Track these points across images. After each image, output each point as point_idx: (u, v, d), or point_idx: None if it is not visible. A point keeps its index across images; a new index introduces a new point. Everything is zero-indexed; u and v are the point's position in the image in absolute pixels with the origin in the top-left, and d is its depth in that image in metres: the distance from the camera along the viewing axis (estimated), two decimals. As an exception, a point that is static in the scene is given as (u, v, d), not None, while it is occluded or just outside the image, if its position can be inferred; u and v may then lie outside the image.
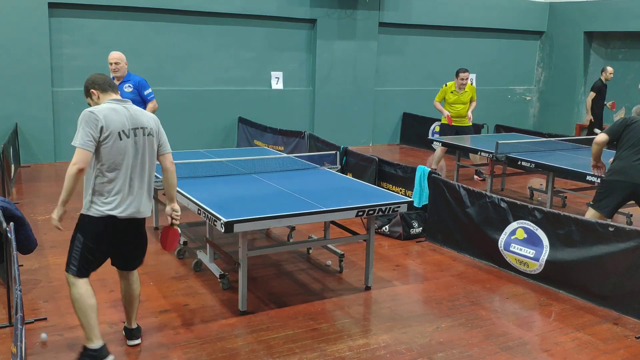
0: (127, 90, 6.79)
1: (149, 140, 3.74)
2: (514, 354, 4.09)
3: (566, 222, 5.07)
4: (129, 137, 3.61)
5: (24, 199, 7.58)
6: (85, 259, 3.66)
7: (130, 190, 3.66)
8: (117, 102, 3.69)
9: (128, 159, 3.62)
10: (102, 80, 3.74)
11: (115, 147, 3.55)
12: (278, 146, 9.78)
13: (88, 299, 3.65)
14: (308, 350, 4.06)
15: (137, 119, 3.69)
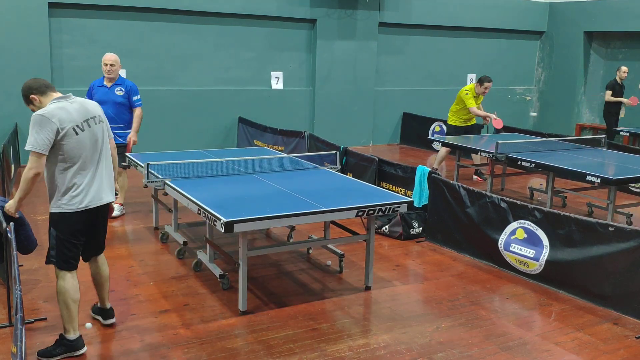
0: (118, 93, 6.80)
1: (100, 127, 3.86)
2: (514, 354, 4.09)
3: (566, 222, 5.07)
4: (84, 129, 3.71)
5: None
6: (63, 253, 3.83)
7: (93, 180, 3.81)
8: (61, 99, 3.74)
9: (87, 151, 3.74)
10: (37, 84, 3.77)
11: (73, 143, 3.66)
12: (278, 146, 9.77)
13: (73, 293, 3.82)
14: (308, 350, 4.06)
15: (85, 111, 3.78)
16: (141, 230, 6.55)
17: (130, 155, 6.42)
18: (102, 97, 6.72)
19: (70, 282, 3.83)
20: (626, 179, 6.49)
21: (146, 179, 5.40)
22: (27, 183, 3.69)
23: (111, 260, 5.58)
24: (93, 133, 3.79)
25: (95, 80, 6.97)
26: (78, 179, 3.75)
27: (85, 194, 3.78)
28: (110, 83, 6.79)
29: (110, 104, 6.71)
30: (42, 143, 3.56)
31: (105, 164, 3.93)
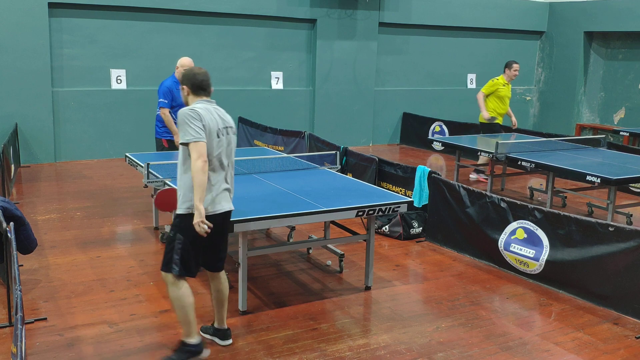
0: None
1: (233, 139, 3.85)
2: (514, 354, 4.09)
3: (566, 222, 5.07)
4: (222, 135, 3.72)
5: (24, 199, 7.58)
6: (185, 259, 3.67)
7: (223, 186, 3.76)
8: (206, 102, 3.77)
9: (222, 156, 3.71)
10: (198, 82, 3.78)
11: (214, 144, 3.64)
12: (278, 146, 9.77)
13: (187, 298, 3.71)
14: (308, 350, 4.06)
15: (225, 119, 3.79)
16: (141, 230, 6.56)
17: (131, 155, 6.43)
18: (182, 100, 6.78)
19: (184, 289, 3.70)
20: (626, 179, 6.49)
21: (146, 179, 5.40)
22: (200, 174, 3.49)
23: (111, 261, 5.60)
24: (228, 142, 3.78)
25: (168, 82, 6.85)
26: (213, 180, 3.68)
27: (216, 197, 3.70)
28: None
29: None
30: (197, 131, 3.54)
31: (231, 174, 3.87)
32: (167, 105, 6.68)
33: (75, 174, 9.11)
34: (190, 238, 3.64)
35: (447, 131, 11.77)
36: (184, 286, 3.70)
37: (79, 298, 4.76)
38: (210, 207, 3.67)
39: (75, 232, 6.40)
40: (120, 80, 10.32)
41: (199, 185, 3.49)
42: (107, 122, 10.22)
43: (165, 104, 6.67)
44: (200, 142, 3.52)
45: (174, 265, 3.66)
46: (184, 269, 3.68)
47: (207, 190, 3.63)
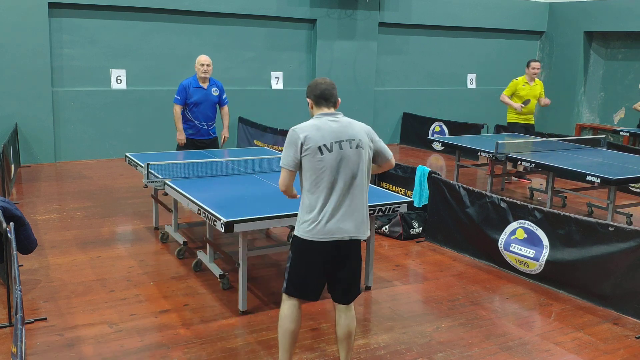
0: (214, 93, 7.11)
1: (358, 152, 3.38)
2: (514, 354, 4.09)
3: (566, 222, 5.07)
4: (331, 150, 3.31)
5: (24, 199, 7.58)
6: (292, 278, 3.46)
7: (334, 209, 3.34)
8: (324, 116, 3.43)
9: (331, 175, 3.32)
10: (319, 92, 3.44)
11: (314, 162, 3.30)
12: (278, 146, 9.76)
13: (287, 323, 3.47)
14: (308, 350, 4.05)
15: (343, 132, 3.38)
16: (141, 230, 6.56)
17: (131, 155, 6.43)
18: (201, 98, 6.98)
19: (288, 310, 3.45)
20: (626, 179, 6.49)
21: (146, 179, 5.40)
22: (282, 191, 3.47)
23: (111, 261, 5.60)
24: (344, 156, 3.33)
25: (186, 81, 7.01)
26: (320, 204, 3.33)
27: (324, 222, 3.32)
28: (205, 84, 7.01)
29: (208, 104, 7.06)
30: (287, 159, 3.33)
31: (358, 193, 3.40)
32: (178, 102, 6.97)
33: (75, 174, 9.10)
34: (296, 258, 3.43)
35: (447, 131, 11.77)
36: (288, 309, 3.47)
37: (79, 298, 4.76)
38: (314, 233, 3.33)
39: (75, 232, 6.40)
40: (120, 80, 10.32)
41: None
42: (107, 122, 10.22)
43: (178, 100, 6.98)
44: (285, 170, 3.37)
45: (285, 281, 3.50)
46: (291, 287, 3.46)
47: (309, 213, 3.35)
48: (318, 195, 3.33)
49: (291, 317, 3.47)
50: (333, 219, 3.34)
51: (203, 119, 7.03)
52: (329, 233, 3.34)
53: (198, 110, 6.99)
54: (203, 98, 6.98)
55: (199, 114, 7.00)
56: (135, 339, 4.14)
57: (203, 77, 6.94)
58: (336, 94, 3.50)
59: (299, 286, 3.46)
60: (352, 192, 3.38)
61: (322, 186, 3.33)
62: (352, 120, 3.51)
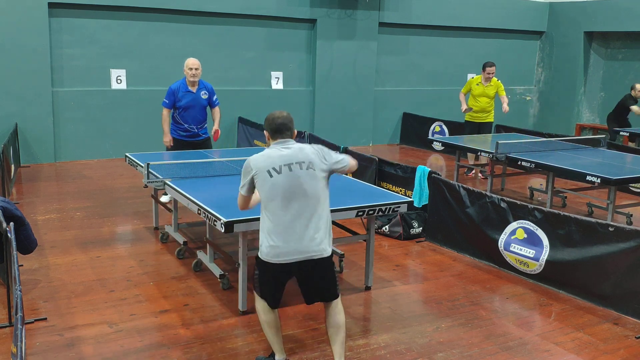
0: (204, 97, 7.06)
1: (309, 173, 3.49)
2: (514, 354, 4.09)
3: (566, 222, 5.07)
4: (280, 172, 3.45)
5: (24, 199, 7.58)
6: (262, 288, 3.68)
7: (289, 232, 3.45)
8: (278, 144, 3.59)
9: (281, 197, 3.44)
10: (275, 126, 3.59)
11: (266, 184, 3.47)
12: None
13: (262, 315, 3.69)
14: (308, 350, 4.06)
15: (293, 156, 3.51)
16: (141, 230, 6.56)
17: (131, 155, 6.43)
18: (190, 102, 6.97)
19: (259, 304, 3.69)
20: (626, 179, 6.49)
21: (146, 179, 5.40)
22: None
23: (111, 261, 5.60)
24: (295, 177, 3.45)
25: (175, 84, 6.99)
26: (277, 226, 3.46)
27: (277, 246, 3.46)
28: (194, 87, 6.98)
29: (198, 108, 7.02)
30: (242, 184, 3.63)
31: (315, 213, 3.48)
32: (166, 105, 6.98)
33: (75, 174, 9.11)
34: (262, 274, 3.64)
35: (447, 131, 11.77)
36: (258, 302, 3.71)
37: (79, 298, 4.76)
38: (272, 256, 3.48)
39: (75, 232, 6.40)
40: (120, 80, 10.32)
41: None
42: (107, 122, 10.22)
43: (166, 103, 6.98)
44: (240, 194, 3.70)
45: (254, 284, 3.73)
46: (260, 292, 3.69)
47: (268, 237, 3.51)
48: (274, 217, 3.48)
49: (263, 309, 3.68)
50: (291, 241, 3.46)
51: (193, 122, 7.01)
52: (287, 255, 3.48)
53: (187, 114, 6.97)
54: (192, 102, 6.95)
55: (188, 117, 6.98)
56: (135, 339, 4.14)
57: (192, 80, 6.91)
58: (292, 127, 3.65)
59: (265, 294, 3.68)
60: (309, 211, 3.49)
61: (277, 206, 3.46)
62: (303, 145, 3.64)
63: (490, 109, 9.39)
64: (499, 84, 9.33)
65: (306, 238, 3.47)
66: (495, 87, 9.28)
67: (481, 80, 9.29)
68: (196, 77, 6.92)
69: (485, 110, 9.34)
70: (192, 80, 6.92)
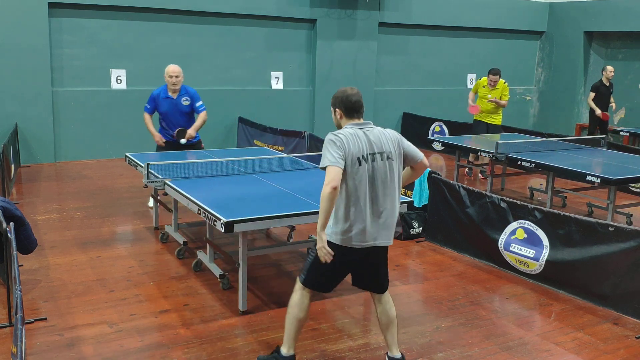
0: (185, 103, 6.98)
1: (389, 164, 3.47)
2: (514, 354, 4.09)
3: (566, 222, 5.07)
4: (367, 162, 3.42)
5: (24, 199, 7.58)
6: (313, 274, 3.60)
7: (367, 219, 3.45)
8: (356, 126, 3.51)
9: (365, 186, 3.42)
10: (351, 104, 3.51)
11: (354, 173, 3.39)
12: (278, 146, 9.77)
13: (296, 310, 3.63)
14: (308, 350, 4.05)
15: (377, 144, 3.46)
16: (141, 230, 6.56)
17: (131, 155, 6.43)
18: (169, 109, 6.91)
19: (300, 299, 3.62)
20: (626, 179, 6.49)
21: (146, 179, 5.40)
22: (324, 201, 3.28)
23: (111, 261, 5.60)
24: (377, 169, 3.43)
25: (157, 90, 6.95)
26: (351, 213, 3.42)
27: (354, 231, 3.44)
28: (175, 94, 6.92)
29: (177, 114, 6.95)
30: (335, 156, 3.33)
31: (390, 205, 3.50)
32: (147, 110, 7.00)
33: (75, 174, 9.11)
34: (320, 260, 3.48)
35: (447, 131, 11.78)
36: (301, 298, 3.63)
37: (79, 298, 4.76)
38: (346, 240, 3.46)
39: (75, 232, 6.40)
40: (120, 80, 10.32)
41: (322, 211, 3.31)
42: (107, 122, 10.22)
43: (147, 108, 7.01)
44: (334, 167, 3.31)
45: (303, 273, 3.64)
46: (309, 281, 3.61)
47: (343, 221, 3.43)
48: (352, 205, 3.42)
49: (301, 305, 3.62)
50: (366, 229, 3.46)
51: (174, 129, 6.95)
52: (361, 241, 3.48)
53: (168, 120, 6.94)
54: (171, 108, 6.89)
55: (169, 122, 6.94)
56: (135, 339, 4.14)
57: (172, 88, 6.86)
58: (363, 104, 3.59)
59: (317, 282, 3.63)
60: (383, 202, 3.49)
61: (357, 196, 3.42)
62: (383, 131, 3.56)
63: (497, 111, 9.44)
64: (505, 87, 9.43)
65: (381, 227, 3.50)
66: (501, 91, 9.36)
67: (487, 83, 9.42)
68: (177, 85, 6.84)
69: (490, 111, 9.41)
70: (173, 88, 6.86)
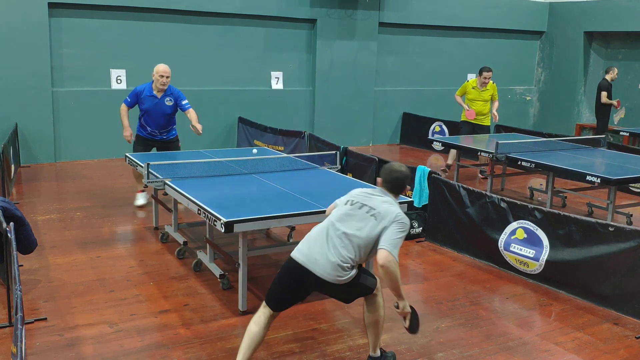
0: (168, 103, 6.98)
1: (368, 218, 3.54)
2: (514, 354, 4.09)
3: (566, 222, 5.07)
4: (352, 205, 3.63)
5: (24, 199, 7.58)
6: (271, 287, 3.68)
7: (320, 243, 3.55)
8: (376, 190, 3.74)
9: (336, 215, 3.62)
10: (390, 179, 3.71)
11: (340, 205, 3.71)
12: (278, 146, 9.77)
13: (248, 331, 3.58)
14: (308, 350, 4.05)
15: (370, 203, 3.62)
16: (141, 230, 6.56)
17: (131, 155, 6.43)
18: (151, 107, 6.89)
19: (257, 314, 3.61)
20: (626, 179, 6.49)
21: (146, 179, 5.40)
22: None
23: (111, 261, 5.60)
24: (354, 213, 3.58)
25: (141, 87, 6.93)
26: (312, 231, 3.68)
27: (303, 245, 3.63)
28: (160, 93, 6.91)
29: (159, 114, 6.94)
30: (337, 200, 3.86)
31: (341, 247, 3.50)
32: (126, 103, 6.96)
33: (75, 174, 9.11)
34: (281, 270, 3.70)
35: (447, 131, 11.77)
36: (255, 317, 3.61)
37: (79, 298, 4.76)
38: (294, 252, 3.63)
39: (75, 232, 6.40)
40: (120, 80, 10.32)
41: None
42: (107, 122, 10.21)
43: (127, 101, 6.97)
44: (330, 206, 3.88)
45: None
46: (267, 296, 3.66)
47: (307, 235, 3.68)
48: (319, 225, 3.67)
49: (256, 319, 3.60)
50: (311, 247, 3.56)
51: (155, 128, 6.96)
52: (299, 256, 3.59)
53: (149, 118, 6.93)
54: (153, 107, 6.88)
55: (149, 120, 6.94)
56: (135, 339, 4.14)
57: (160, 88, 6.84)
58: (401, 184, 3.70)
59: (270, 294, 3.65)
60: (338, 241, 3.51)
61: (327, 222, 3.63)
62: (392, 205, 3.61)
63: (486, 112, 9.40)
64: (494, 86, 9.37)
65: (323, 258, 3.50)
66: (492, 91, 9.32)
67: (477, 84, 9.28)
68: (165, 85, 6.84)
69: (481, 112, 9.35)
70: (161, 88, 6.85)
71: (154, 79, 6.86)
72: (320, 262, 3.50)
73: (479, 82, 9.26)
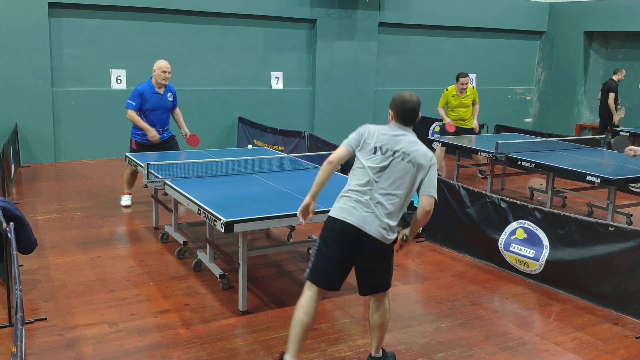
0: (169, 99, 7.02)
1: (406, 166, 3.45)
2: (514, 354, 4.09)
3: (566, 222, 5.07)
4: (384, 154, 3.49)
5: (24, 199, 7.58)
6: (314, 263, 3.54)
7: (365, 201, 3.45)
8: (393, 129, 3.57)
9: (372, 172, 3.49)
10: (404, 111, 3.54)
11: (365, 157, 3.55)
12: (278, 146, 9.77)
13: (301, 314, 3.52)
14: (308, 350, 4.05)
15: (400, 144, 3.49)
16: (141, 230, 6.56)
17: (131, 155, 6.43)
18: (157, 104, 6.90)
19: (305, 301, 3.51)
20: (626, 179, 6.49)
21: (146, 179, 5.40)
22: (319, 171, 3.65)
23: (111, 261, 5.60)
24: (392, 164, 3.46)
25: (141, 86, 6.90)
26: (349, 189, 3.54)
27: (343, 205, 3.50)
28: (162, 89, 6.93)
29: (163, 110, 6.98)
30: (349, 140, 3.64)
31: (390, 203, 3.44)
32: (133, 108, 6.81)
33: (75, 174, 9.11)
34: (322, 239, 3.54)
35: (447, 131, 11.75)
36: (304, 297, 3.55)
37: (79, 298, 4.76)
38: (335, 211, 3.53)
39: (75, 232, 6.40)
40: (120, 80, 10.32)
41: (315, 180, 3.61)
42: (107, 122, 10.22)
43: (132, 105, 6.82)
44: (342, 147, 3.64)
45: (308, 266, 3.58)
46: (311, 272, 3.56)
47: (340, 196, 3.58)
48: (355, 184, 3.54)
49: (306, 308, 3.53)
50: (355, 208, 3.46)
51: (158, 124, 6.95)
52: (346, 217, 3.46)
53: (154, 116, 6.89)
54: (159, 104, 6.89)
55: (154, 119, 6.90)
56: (135, 339, 4.14)
57: (162, 83, 6.85)
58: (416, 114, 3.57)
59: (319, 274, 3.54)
60: (381, 197, 3.46)
61: (360, 178, 3.53)
62: (418, 142, 3.53)
63: (468, 116, 9.29)
64: (475, 90, 9.27)
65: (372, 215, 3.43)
66: (472, 96, 9.21)
67: (456, 91, 9.14)
68: (167, 80, 6.87)
69: (463, 118, 9.26)
70: (163, 83, 6.86)
71: (155, 74, 6.85)
72: (368, 220, 3.43)
73: (457, 89, 9.12)
